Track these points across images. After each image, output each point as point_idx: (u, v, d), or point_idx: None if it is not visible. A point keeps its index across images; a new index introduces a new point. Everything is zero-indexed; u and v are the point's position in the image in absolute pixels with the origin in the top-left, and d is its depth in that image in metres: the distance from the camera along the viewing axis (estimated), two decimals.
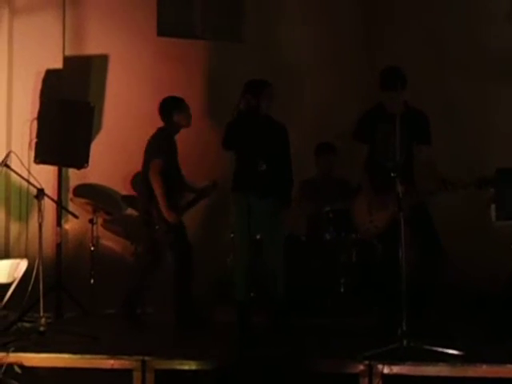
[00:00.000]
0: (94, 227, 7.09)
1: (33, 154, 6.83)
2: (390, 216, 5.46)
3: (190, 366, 4.90)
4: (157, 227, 6.24)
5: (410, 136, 5.49)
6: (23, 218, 7.35)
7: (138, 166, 7.38)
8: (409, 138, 5.47)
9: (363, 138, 5.77)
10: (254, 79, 6.09)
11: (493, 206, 5.79)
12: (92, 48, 7.70)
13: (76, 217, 6.37)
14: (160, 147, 6.28)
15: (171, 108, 6.37)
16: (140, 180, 6.47)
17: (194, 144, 7.07)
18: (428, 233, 5.67)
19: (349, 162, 7.14)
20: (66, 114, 6.93)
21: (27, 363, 5.02)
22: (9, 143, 7.41)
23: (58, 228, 7.06)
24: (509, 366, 4.61)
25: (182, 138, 6.51)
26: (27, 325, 5.92)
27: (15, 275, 5.99)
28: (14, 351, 5.03)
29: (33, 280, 5.51)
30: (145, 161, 6.38)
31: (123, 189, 7.49)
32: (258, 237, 6.22)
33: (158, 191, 6.18)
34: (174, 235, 6.23)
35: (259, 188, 5.82)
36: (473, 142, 7.46)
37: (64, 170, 7.27)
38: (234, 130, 5.95)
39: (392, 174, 5.03)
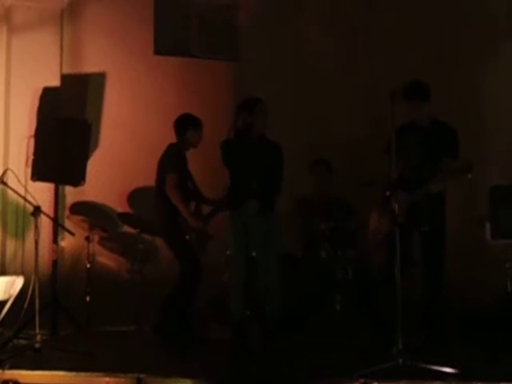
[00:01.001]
0: (90, 244, 7.10)
1: (29, 171, 6.85)
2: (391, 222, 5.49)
3: (185, 383, 4.89)
4: (187, 237, 6.34)
5: (437, 149, 5.54)
6: (19, 235, 7.36)
7: (134, 183, 7.43)
8: (435, 151, 5.52)
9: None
10: (247, 97, 6.13)
11: (488, 225, 5.82)
12: (89, 66, 7.72)
13: (72, 234, 6.38)
14: (171, 162, 6.37)
15: (187, 125, 6.49)
16: (155, 194, 6.47)
17: None
18: (433, 264, 5.73)
19: (345, 179, 7.18)
20: (63, 131, 6.95)
21: (23, 380, 5.01)
22: (6, 160, 7.42)
23: (54, 245, 7.06)
24: None
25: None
26: (23, 342, 5.93)
27: (11, 292, 5.99)
28: (10, 368, 5.02)
29: (29, 297, 5.52)
30: (158, 175, 6.44)
31: (119, 206, 7.50)
32: (253, 254, 6.23)
33: (178, 203, 6.28)
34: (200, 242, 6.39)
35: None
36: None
37: (60, 187, 7.29)
38: (228, 149, 5.98)
39: (387, 193, 5.06)
